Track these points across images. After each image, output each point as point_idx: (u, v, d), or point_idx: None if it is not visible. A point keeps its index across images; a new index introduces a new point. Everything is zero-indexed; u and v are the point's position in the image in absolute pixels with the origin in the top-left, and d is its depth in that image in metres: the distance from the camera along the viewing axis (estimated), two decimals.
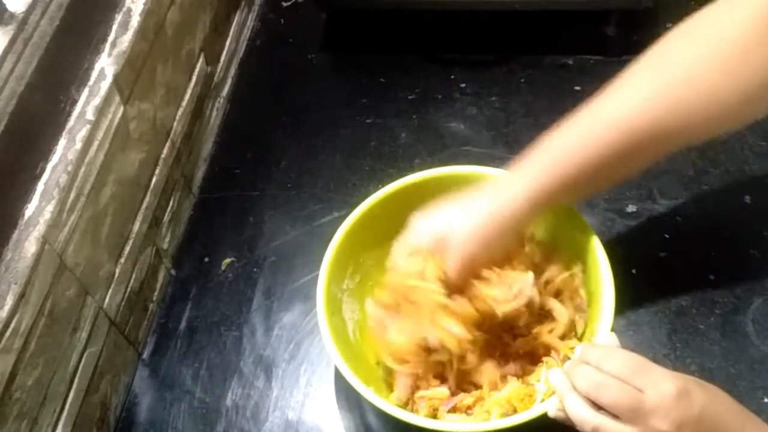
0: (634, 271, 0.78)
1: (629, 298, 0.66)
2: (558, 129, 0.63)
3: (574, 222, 0.70)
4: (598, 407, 0.53)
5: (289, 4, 1.15)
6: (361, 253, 0.73)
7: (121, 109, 0.73)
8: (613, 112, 0.60)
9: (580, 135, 0.61)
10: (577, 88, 0.97)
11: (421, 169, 0.91)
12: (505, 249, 0.67)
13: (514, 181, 0.63)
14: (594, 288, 0.67)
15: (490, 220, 0.63)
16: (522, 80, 0.99)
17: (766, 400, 0.70)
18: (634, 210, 0.84)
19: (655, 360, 0.73)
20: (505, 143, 0.93)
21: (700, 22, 0.60)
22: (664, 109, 0.59)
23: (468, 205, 0.65)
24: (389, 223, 0.73)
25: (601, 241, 0.82)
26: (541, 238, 0.73)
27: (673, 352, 0.74)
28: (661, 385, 0.52)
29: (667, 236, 0.82)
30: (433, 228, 0.66)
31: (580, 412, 0.54)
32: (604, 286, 0.65)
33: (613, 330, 0.63)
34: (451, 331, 0.65)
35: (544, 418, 0.58)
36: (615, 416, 0.52)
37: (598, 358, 0.54)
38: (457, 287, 0.66)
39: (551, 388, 0.65)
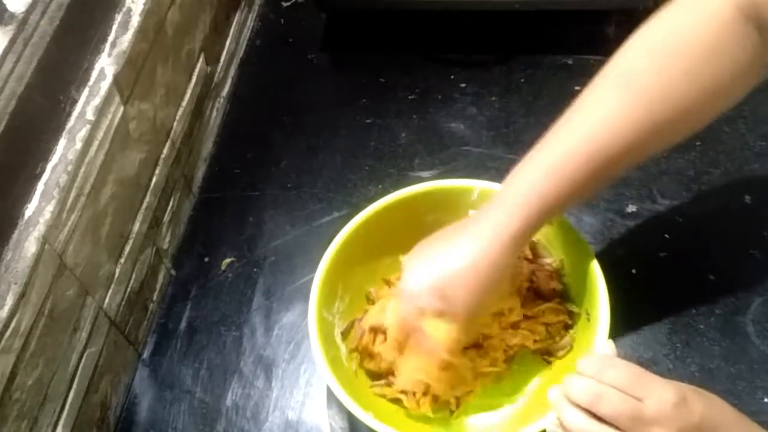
0: (634, 271, 0.78)
1: (629, 298, 0.66)
2: (528, 158, 0.61)
3: (567, 232, 0.70)
4: (597, 419, 0.53)
5: (289, 4, 1.15)
6: (349, 273, 0.72)
7: (121, 109, 0.73)
8: (579, 138, 0.59)
9: (551, 165, 0.60)
10: (577, 88, 0.95)
11: (421, 170, 0.92)
12: (505, 287, 0.66)
13: (494, 220, 0.61)
14: (589, 296, 0.67)
15: (483, 263, 0.60)
16: (522, 80, 0.99)
17: (766, 400, 0.70)
18: (634, 210, 0.84)
19: (655, 360, 0.73)
20: (505, 143, 0.93)
21: (658, 28, 0.60)
22: (629, 128, 0.58)
23: (454, 251, 0.61)
24: (375, 242, 0.73)
25: (601, 241, 0.82)
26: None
27: (673, 352, 0.74)
28: (660, 394, 0.51)
29: (667, 236, 0.82)
30: (428, 285, 0.62)
31: (579, 424, 0.53)
32: (599, 295, 0.65)
33: (610, 338, 0.62)
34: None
35: None
36: (614, 428, 0.52)
37: (595, 370, 0.54)
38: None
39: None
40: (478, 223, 0.62)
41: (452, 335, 0.62)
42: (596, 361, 0.55)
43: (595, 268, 0.66)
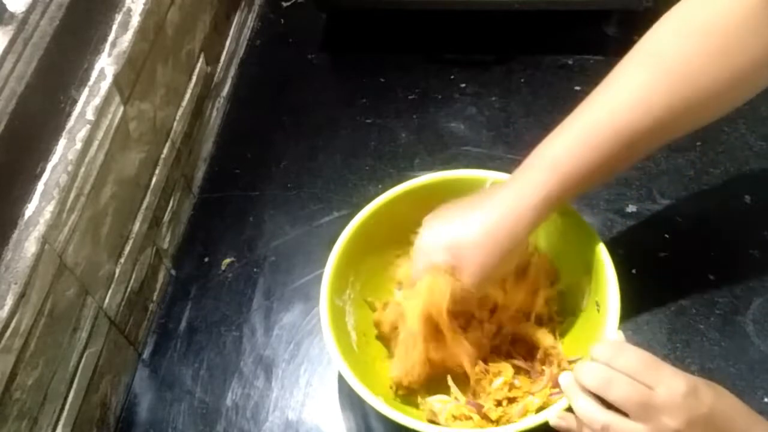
0: (634, 271, 0.78)
1: (629, 298, 0.66)
2: (555, 132, 0.62)
3: (578, 226, 0.70)
4: (607, 407, 0.53)
5: (289, 4, 1.15)
6: (360, 261, 0.73)
7: (121, 109, 0.73)
8: (608, 112, 0.60)
9: (578, 137, 0.61)
10: (577, 88, 0.97)
11: (421, 170, 0.92)
12: (516, 259, 0.66)
13: (518, 187, 0.62)
14: (599, 289, 0.67)
15: (501, 228, 0.62)
16: (522, 80, 0.99)
17: (766, 400, 0.70)
18: (634, 210, 0.84)
19: None
20: (505, 143, 0.93)
21: (689, 9, 0.60)
22: (659, 105, 0.59)
23: (474, 214, 0.63)
24: (387, 230, 0.73)
25: (601, 241, 0.82)
26: (546, 245, 0.74)
27: (673, 352, 0.74)
28: (671, 383, 0.52)
29: (667, 236, 0.82)
30: (444, 242, 0.64)
31: (589, 411, 0.54)
32: (609, 288, 0.65)
33: (620, 329, 0.63)
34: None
35: (546, 426, 0.59)
36: (624, 415, 0.52)
37: (608, 356, 0.54)
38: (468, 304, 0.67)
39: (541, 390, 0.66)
40: (500, 191, 0.63)
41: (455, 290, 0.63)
42: (609, 347, 0.56)
43: (605, 258, 0.66)
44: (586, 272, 0.70)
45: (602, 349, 0.56)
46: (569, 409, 0.57)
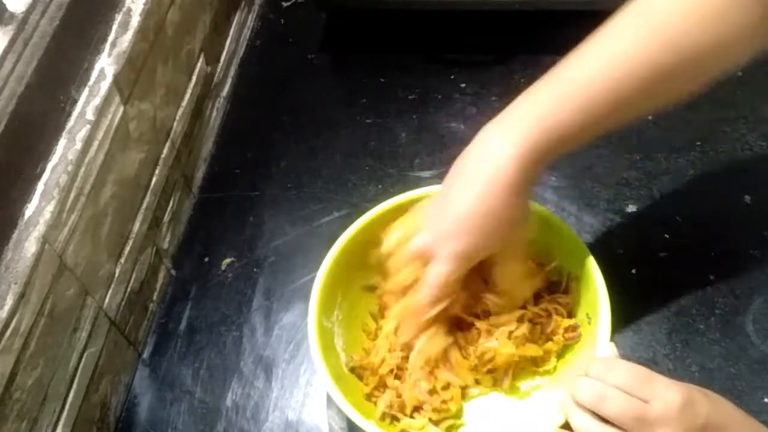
0: (634, 271, 0.78)
1: (629, 298, 0.66)
2: (536, 87, 0.60)
3: (567, 239, 0.70)
4: (604, 422, 0.53)
5: (289, 4, 1.15)
6: (348, 280, 0.72)
7: (121, 109, 0.73)
8: (595, 68, 0.58)
9: (561, 95, 0.59)
10: None
11: (421, 169, 0.92)
12: (508, 236, 0.63)
13: (504, 140, 0.59)
14: (590, 299, 0.67)
15: (484, 202, 0.59)
16: (522, 80, 0.99)
17: (766, 400, 0.70)
18: (634, 210, 0.84)
19: (655, 360, 0.73)
20: None
21: None
22: (641, 66, 0.57)
23: (460, 200, 0.61)
24: (372, 248, 0.71)
25: (601, 241, 0.82)
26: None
27: (673, 352, 0.74)
28: (665, 396, 0.51)
29: (667, 236, 0.82)
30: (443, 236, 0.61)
31: (586, 427, 0.54)
32: (599, 297, 0.65)
33: (612, 340, 0.62)
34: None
35: None
36: (621, 430, 0.52)
37: (601, 372, 0.54)
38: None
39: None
40: (479, 161, 0.61)
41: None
42: (602, 362, 0.56)
43: (595, 271, 0.66)
44: (578, 284, 0.70)
45: (594, 366, 0.55)
46: (566, 425, 0.57)
